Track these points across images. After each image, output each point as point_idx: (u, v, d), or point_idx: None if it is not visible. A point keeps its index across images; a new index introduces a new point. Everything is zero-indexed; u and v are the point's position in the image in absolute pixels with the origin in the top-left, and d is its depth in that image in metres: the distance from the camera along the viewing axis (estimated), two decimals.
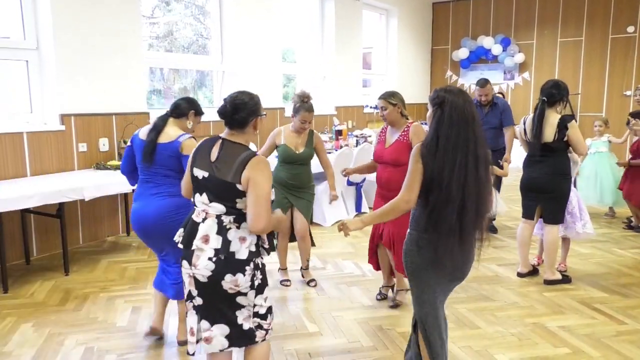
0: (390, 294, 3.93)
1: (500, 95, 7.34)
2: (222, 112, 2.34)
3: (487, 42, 10.76)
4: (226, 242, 2.21)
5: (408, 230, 2.43)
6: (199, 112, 3.16)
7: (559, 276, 4.22)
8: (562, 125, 3.93)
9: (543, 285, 4.18)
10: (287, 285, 4.19)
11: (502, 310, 3.72)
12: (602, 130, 6.30)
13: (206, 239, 2.22)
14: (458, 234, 2.23)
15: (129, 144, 3.12)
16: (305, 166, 4.05)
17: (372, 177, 6.69)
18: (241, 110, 2.30)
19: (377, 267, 3.92)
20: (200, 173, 2.28)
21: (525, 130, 4.16)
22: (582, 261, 4.77)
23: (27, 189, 4.06)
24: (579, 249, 5.04)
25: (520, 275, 4.35)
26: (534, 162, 4.13)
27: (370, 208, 6.78)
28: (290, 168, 4.02)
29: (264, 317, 2.36)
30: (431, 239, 2.29)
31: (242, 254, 2.22)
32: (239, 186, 2.19)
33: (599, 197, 6.19)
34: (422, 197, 2.29)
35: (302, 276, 4.29)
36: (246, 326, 2.30)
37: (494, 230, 5.66)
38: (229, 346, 2.31)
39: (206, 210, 2.26)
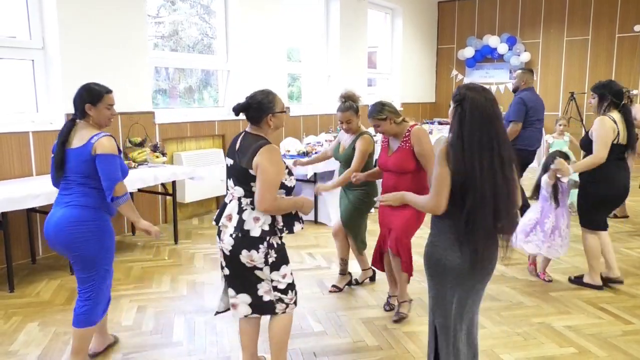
0: (396, 303, 3.72)
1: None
2: (235, 110, 2.58)
3: (492, 41, 10.73)
4: (241, 221, 2.49)
5: (434, 232, 2.31)
6: (94, 101, 2.79)
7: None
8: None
9: (549, 284, 4.17)
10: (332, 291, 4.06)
11: (507, 310, 3.71)
12: (564, 129, 6.41)
13: (229, 218, 2.53)
14: (494, 235, 2.19)
15: (52, 155, 2.80)
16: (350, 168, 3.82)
17: None
18: (252, 109, 2.53)
19: (382, 269, 3.79)
20: (229, 161, 2.60)
21: (618, 131, 3.89)
22: None
23: (33, 189, 4.07)
24: None
25: (620, 281, 4.11)
26: (619, 169, 3.94)
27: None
28: (340, 167, 4.05)
29: (284, 291, 2.61)
30: (470, 241, 2.17)
31: (255, 232, 2.48)
32: (251, 171, 2.46)
33: None
34: (457, 200, 2.15)
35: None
36: (266, 298, 2.60)
37: None
38: (252, 313, 2.64)
39: (232, 193, 2.57)
